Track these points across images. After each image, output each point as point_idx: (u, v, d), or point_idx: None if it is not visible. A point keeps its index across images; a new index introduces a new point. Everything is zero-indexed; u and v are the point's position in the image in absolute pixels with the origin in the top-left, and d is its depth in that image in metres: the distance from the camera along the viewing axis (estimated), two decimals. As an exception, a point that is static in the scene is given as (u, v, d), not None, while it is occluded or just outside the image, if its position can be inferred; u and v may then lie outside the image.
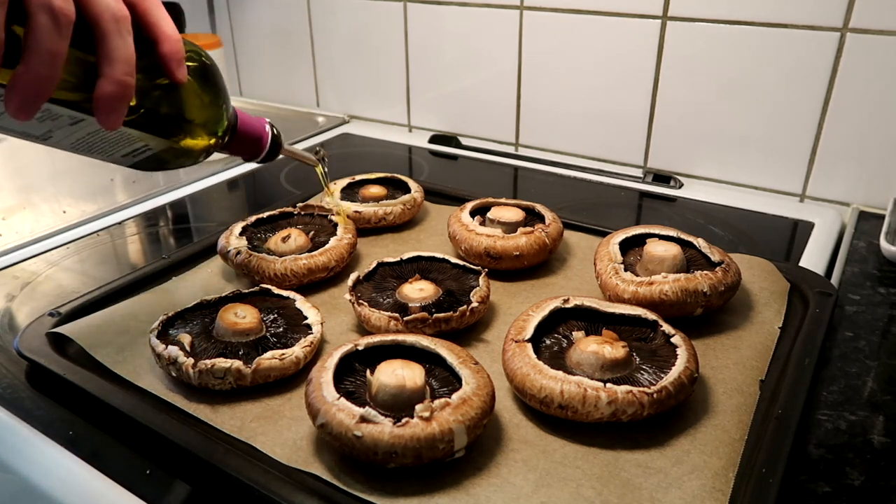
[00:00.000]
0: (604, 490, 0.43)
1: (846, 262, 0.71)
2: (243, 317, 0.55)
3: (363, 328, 0.59)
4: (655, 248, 0.60)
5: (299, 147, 1.11)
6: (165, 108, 0.44)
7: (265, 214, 0.73)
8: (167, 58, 0.42)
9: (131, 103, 0.40)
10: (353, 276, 0.61)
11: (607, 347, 0.49)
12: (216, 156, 0.53)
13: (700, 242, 0.62)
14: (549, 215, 0.70)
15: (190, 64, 0.44)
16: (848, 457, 0.47)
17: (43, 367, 0.54)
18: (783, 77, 0.84)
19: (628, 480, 0.44)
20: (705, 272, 0.57)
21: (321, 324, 0.56)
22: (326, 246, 0.67)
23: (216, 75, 0.47)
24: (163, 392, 0.52)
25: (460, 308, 0.57)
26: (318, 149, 0.65)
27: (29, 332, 0.57)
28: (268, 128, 0.53)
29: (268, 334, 0.55)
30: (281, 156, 0.57)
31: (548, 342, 0.53)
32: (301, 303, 0.59)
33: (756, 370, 0.53)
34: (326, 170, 0.67)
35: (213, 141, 0.49)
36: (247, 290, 0.60)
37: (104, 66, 0.38)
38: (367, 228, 0.77)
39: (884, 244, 0.70)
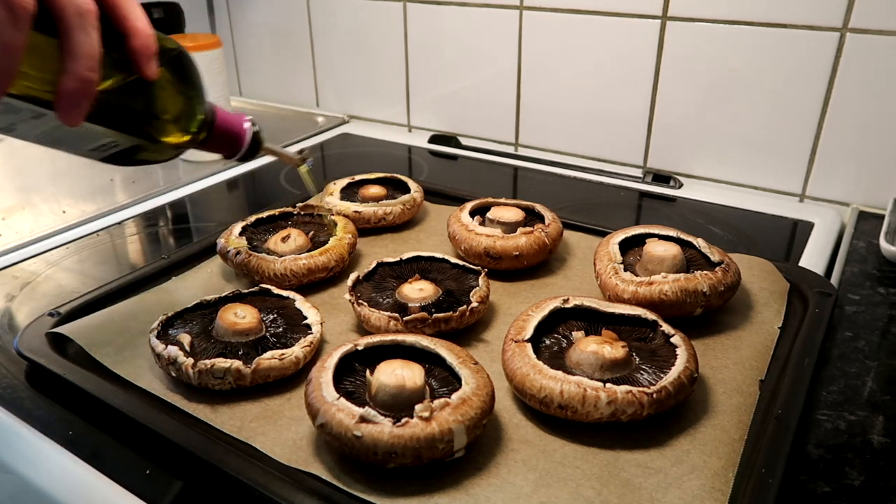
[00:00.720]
0: (603, 490, 0.43)
1: (846, 262, 0.71)
2: (243, 317, 0.55)
3: (363, 328, 0.59)
4: (655, 248, 0.60)
5: (298, 147, 1.12)
6: (133, 105, 0.42)
7: (265, 214, 0.73)
8: (137, 53, 0.40)
9: (98, 97, 0.39)
10: (352, 276, 0.61)
11: (607, 347, 0.49)
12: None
13: (700, 242, 0.62)
14: (548, 215, 0.70)
15: (163, 59, 0.42)
16: (847, 457, 0.47)
17: (43, 367, 0.54)
18: (783, 77, 0.84)
19: (628, 480, 0.44)
20: (705, 272, 0.57)
21: (321, 324, 0.56)
22: (326, 246, 0.67)
23: (191, 70, 0.45)
24: (163, 392, 0.52)
25: (460, 308, 0.57)
26: (303, 150, 0.65)
27: (29, 332, 0.57)
28: (247, 125, 0.51)
29: (267, 334, 0.55)
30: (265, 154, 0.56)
31: (547, 342, 0.53)
32: (301, 303, 0.59)
33: (756, 370, 0.53)
34: (310, 168, 0.64)
35: (186, 138, 0.47)
36: (246, 290, 0.60)
37: (67, 61, 0.36)
38: (366, 228, 0.77)
39: (883, 244, 0.70)
